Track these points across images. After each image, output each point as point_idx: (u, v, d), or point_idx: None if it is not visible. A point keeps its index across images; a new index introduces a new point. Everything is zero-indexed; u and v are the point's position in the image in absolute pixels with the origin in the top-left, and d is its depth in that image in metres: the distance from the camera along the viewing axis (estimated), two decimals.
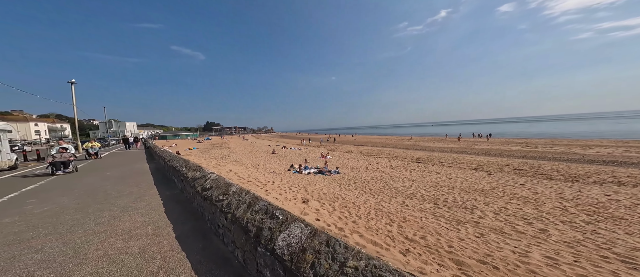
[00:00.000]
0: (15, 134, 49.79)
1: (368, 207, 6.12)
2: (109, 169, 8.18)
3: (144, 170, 7.56)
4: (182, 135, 76.33)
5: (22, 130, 59.38)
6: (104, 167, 8.59)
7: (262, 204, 1.90)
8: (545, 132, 44.63)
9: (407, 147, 29.08)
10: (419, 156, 17.50)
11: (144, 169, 7.86)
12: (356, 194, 7.67)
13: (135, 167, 8.28)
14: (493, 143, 27.02)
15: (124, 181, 5.63)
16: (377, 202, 6.56)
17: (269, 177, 10.66)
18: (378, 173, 11.75)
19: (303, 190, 8.19)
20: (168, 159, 6.31)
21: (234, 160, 17.56)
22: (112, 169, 7.98)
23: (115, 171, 7.65)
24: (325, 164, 14.08)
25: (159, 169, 7.58)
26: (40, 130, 65.46)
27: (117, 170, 7.80)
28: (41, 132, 65.53)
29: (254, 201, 2.00)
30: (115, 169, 8.13)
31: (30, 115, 74.26)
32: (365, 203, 6.47)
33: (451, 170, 11.19)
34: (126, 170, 7.75)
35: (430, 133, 69.28)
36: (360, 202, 6.54)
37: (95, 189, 4.78)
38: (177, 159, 6.12)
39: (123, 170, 7.76)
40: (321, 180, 10.66)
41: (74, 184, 5.55)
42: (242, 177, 9.17)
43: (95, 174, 6.94)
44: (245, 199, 2.08)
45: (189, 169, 4.06)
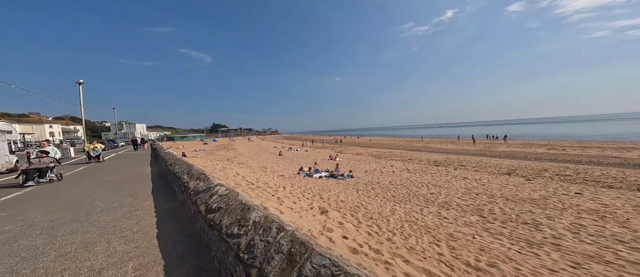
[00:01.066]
0: (13, 135, 51.20)
1: (398, 218, 5.21)
2: (109, 172, 7.58)
3: (144, 174, 6.90)
4: (189, 137, 77.04)
5: (36, 132, 61.09)
6: (104, 171, 8.00)
7: (318, 261, 1.00)
8: (564, 133, 42.30)
9: (419, 149, 27.83)
10: (436, 159, 16.38)
11: (145, 173, 7.20)
12: (378, 202, 6.76)
13: (136, 171, 7.65)
14: (512, 145, 25.44)
15: (119, 188, 4.93)
16: (407, 212, 5.64)
17: (278, 181, 9.87)
18: (396, 177, 10.79)
19: (318, 197, 7.34)
20: (170, 163, 5.61)
21: (240, 162, 16.90)
22: (111, 173, 7.37)
23: (115, 175, 7.02)
24: (337, 167, 13.20)
25: (161, 174, 6.91)
26: (54, 132, 67.29)
27: (116, 174, 7.18)
28: (55, 134, 67.34)
29: (299, 250, 1.09)
30: (115, 173, 7.52)
31: (46, 118, 76.65)
32: (392, 214, 5.56)
33: (479, 174, 10.10)
34: (126, 174, 7.12)
35: (440, 134, 67.24)
36: (386, 213, 5.64)
37: (82, 200, 4.08)
38: (180, 162, 5.42)
39: (123, 174, 7.13)
40: (335, 185, 9.79)
41: (62, 192, 4.89)
42: (251, 181, 8.41)
43: (92, 180, 6.30)
44: (280, 243, 1.19)
45: (191, 177, 3.30)
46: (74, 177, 7.02)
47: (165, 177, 6.07)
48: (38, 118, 70.80)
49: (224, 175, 9.03)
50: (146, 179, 6.10)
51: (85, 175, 7.29)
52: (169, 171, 5.16)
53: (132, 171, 7.85)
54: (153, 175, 6.79)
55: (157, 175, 6.80)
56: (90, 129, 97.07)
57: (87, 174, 7.41)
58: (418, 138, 51.91)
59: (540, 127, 74.83)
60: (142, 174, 6.94)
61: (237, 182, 7.82)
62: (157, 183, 5.51)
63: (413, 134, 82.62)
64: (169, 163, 5.61)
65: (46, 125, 65.58)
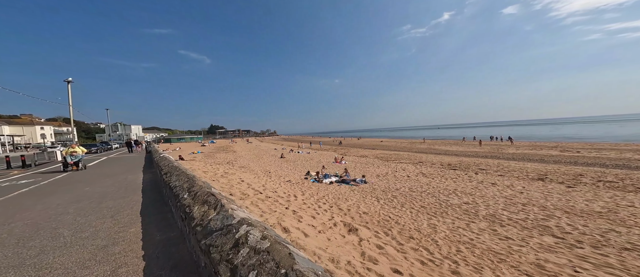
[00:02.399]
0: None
1: (445, 238, 4.26)
2: (92, 181, 6.51)
3: (134, 184, 5.86)
4: (186, 139, 75.41)
5: (27, 134, 59.09)
6: (87, 180, 6.91)
7: None
8: (566, 135, 41.92)
9: (424, 150, 27.02)
10: (449, 161, 15.52)
11: (135, 182, 6.16)
12: (409, 214, 5.81)
13: (125, 180, 6.59)
14: (521, 147, 24.77)
15: (98, 205, 3.91)
16: (451, 229, 4.70)
17: (287, 188, 8.88)
18: (414, 183, 9.87)
19: (335, 208, 6.37)
20: (165, 171, 4.60)
21: (242, 166, 15.85)
22: (94, 182, 6.30)
23: (98, 184, 5.96)
24: (346, 172, 12.25)
25: (155, 183, 5.88)
26: (46, 134, 65.23)
27: (100, 183, 6.11)
28: (47, 136, 65.28)
29: None
30: (99, 181, 6.44)
31: (38, 119, 74.47)
32: (435, 231, 4.61)
33: (507, 180, 9.24)
34: (113, 183, 6.06)
35: (441, 136, 66.69)
36: (425, 229, 4.69)
37: (41, 224, 3.05)
38: (177, 171, 4.43)
39: (108, 183, 6.07)
40: (349, 192, 8.83)
41: (23, 209, 3.85)
42: (258, 190, 7.40)
43: (66, 192, 5.21)
44: None
45: (196, 198, 2.30)
46: (45, 188, 5.92)
47: (160, 189, 5.05)
48: (29, 119, 68.65)
49: (227, 181, 8.01)
50: (136, 190, 5.08)
51: (59, 185, 6.18)
52: (163, 183, 4.16)
53: (120, 179, 6.79)
54: (145, 185, 5.76)
55: (150, 185, 5.77)
56: (84, 130, 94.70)
57: (62, 184, 6.31)
58: (420, 139, 51.20)
59: (539, 129, 74.79)
60: (131, 184, 5.90)
61: (243, 191, 6.81)
62: (148, 196, 4.50)
63: (413, 136, 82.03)
64: (164, 172, 4.60)
65: (37, 127, 63.52)
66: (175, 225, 2.82)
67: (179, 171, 4.12)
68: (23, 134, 56.38)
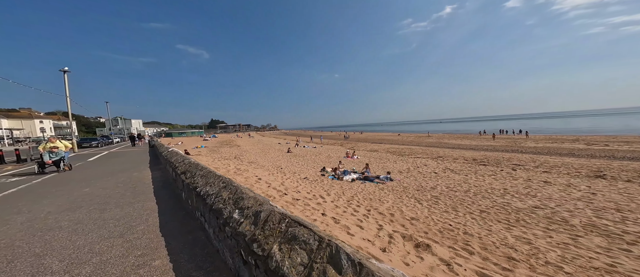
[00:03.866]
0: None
1: (561, 260, 3.18)
2: (93, 181, 5.61)
3: (142, 185, 4.96)
4: (187, 133, 74.49)
5: (26, 127, 58.22)
6: (87, 179, 6.01)
7: None
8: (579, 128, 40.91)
9: (436, 145, 26.11)
10: (473, 156, 14.58)
11: (143, 182, 5.26)
12: (474, 222, 4.84)
13: (131, 179, 5.69)
14: (540, 141, 23.83)
15: (101, 216, 3.00)
16: (560, 247, 3.49)
17: (308, 186, 8.00)
18: (448, 181, 8.95)
19: (375, 212, 5.46)
20: (182, 170, 3.70)
21: (251, 161, 14.96)
22: (96, 182, 5.40)
23: (100, 185, 5.06)
24: (367, 167, 11.35)
25: (166, 183, 4.97)
26: (46, 127, 64.31)
27: (102, 184, 5.21)
28: (46, 129, 64.40)
29: None
30: (102, 181, 5.55)
31: (37, 113, 73.41)
32: (538, 250, 3.47)
33: (559, 177, 8.31)
34: (117, 183, 5.16)
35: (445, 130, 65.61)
36: (514, 244, 3.72)
37: (26, 242, 2.15)
38: (201, 170, 3.51)
39: (112, 184, 5.17)
40: (378, 191, 7.94)
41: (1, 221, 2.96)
42: (280, 190, 6.51)
43: (63, 194, 4.33)
44: None
45: (266, 229, 1.37)
46: (37, 188, 5.02)
47: (175, 190, 4.16)
48: (28, 113, 67.61)
49: (245, 180, 7.11)
50: (146, 193, 4.17)
51: (53, 185, 5.27)
52: (184, 186, 3.25)
53: (125, 177, 5.88)
54: (156, 185, 4.86)
55: (161, 185, 4.87)
56: (84, 125, 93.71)
57: (57, 184, 5.39)
58: (425, 133, 50.26)
59: (546, 122, 73.32)
60: (139, 184, 5.00)
61: (265, 191, 5.91)
62: (163, 201, 3.59)
63: (416, 130, 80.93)
64: (180, 170, 3.68)
65: (36, 121, 62.55)
66: (216, 255, 1.92)
67: (203, 170, 3.19)
68: (22, 127, 55.52)
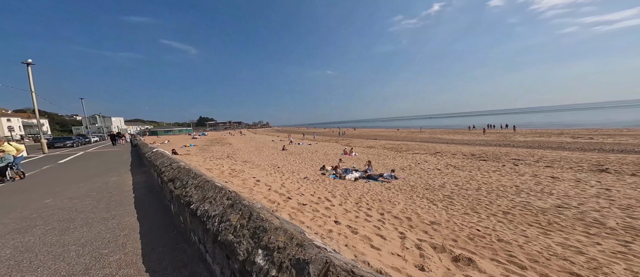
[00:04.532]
0: None
1: (625, 275, 2.76)
2: (60, 187, 4.73)
3: (121, 192, 4.17)
4: (174, 131, 71.24)
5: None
6: (52, 184, 5.09)
7: None
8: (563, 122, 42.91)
9: (430, 140, 26.29)
10: (470, 151, 14.56)
11: (122, 188, 4.46)
12: (502, 226, 4.43)
13: (107, 185, 4.85)
14: (527, 135, 24.54)
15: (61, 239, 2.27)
16: (623, 258, 3.08)
17: (311, 188, 7.44)
18: (454, 178, 8.67)
19: (389, 216, 5.00)
20: (170, 176, 3.00)
21: (245, 160, 14.15)
22: (63, 189, 4.53)
23: (68, 193, 4.23)
24: (369, 165, 10.92)
25: (151, 190, 4.22)
26: (14, 126, 59.14)
27: (71, 192, 4.37)
28: (15, 128, 59.25)
29: None
30: (71, 187, 4.68)
31: (4, 110, 67.32)
32: (597, 263, 2.97)
33: (563, 172, 8.20)
34: (89, 191, 4.34)
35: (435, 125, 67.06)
36: (563, 254, 3.24)
37: None
38: (195, 178, 2.84)
39: (83, 192, 4.34)
40: (384, 191, 7.50)
41: None
42: (282, 193, 5.91)
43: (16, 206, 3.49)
44: None
45: None
46: None
47: (162, 199, 3.45)
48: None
49: (242, 182, 6.42)
50: (124, 204, 3.43)
51: (8, 194, 4.37)
52: (173, 198, 2.57)
53: (100, 182, 5.02)
54: (138, 192, 4.09)
55: (144, 191, 4.11)
56: (58, 123, 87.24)
57: (14, 192, 4.49)
58: (417, 129, 50.97)
59: (529, 117, 76.72)
60: (116, 192, 4.21)
61: (267, 195, 5.29)
62: (148, 216, 2.89)
63: (407, 125, 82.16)
64: (168, 177, 2.98)
65: (3, 119, 57.31)
66: None
67: (197, 177, 2.50)
68: None
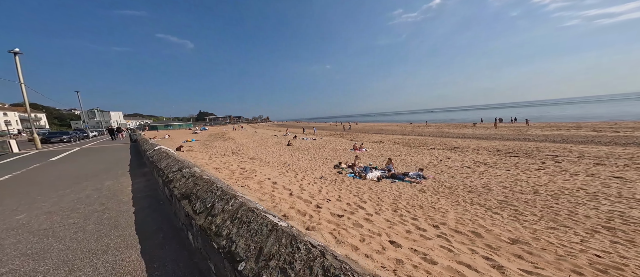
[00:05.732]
0: None
1: None
2: (41, 195, 3.82)
3: (117, 203, 3.27)
4: (174, 126, 70.15)
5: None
6: (30, 192, 4.18)
7: None
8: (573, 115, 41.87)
9: (440, 134, 25.36)
10: (494, 147, 13.63)
11: (119, 197, 3.55)
12: (627, 251, 3.53)
13: (99, 191, 3.94)
14: (543, 128, 23.59)
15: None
16: None
17: (334, 190, 6.56)
18: (496, 178, 7.70)
19: (449, 230, 4.12)
20: (183, 192, 2.08)
21: (252, 157, 13.26)
22: (43, 198, 3.62)
23: (49, 203, 3.32)
24: (389, 163, 10.00)
25: (156, 202, 3.30)
26: (11, 120, 58.16)
27: (53, 201, 3.46)
28: (12, 122, 58.28)
29: None
30: (55, 195, 3.77)
31: (1, 104, 66.03)
32: None
33: (623, 171, 7.31)
34: (75, 202, 3.43)
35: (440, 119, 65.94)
36: None
37: None
38: (228, 204, 1.93)
39: (68, 202, 3.43)
40: (418, 194, 6.60)
41: None
42: (307, 200, 5.03)
43: None
44: None
45: None
46: None
47: (170, 218, 2.54)
48: None
49: (259, 186, 5.52)
50: (121, 225, 2.52)
51: None
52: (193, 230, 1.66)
53: (92, 188, 4.10)
54: (139, 205, 3.18)
55: (146, 203, 3.21)
56: (56, 117, 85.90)
57: None
58: (421, 123, 49.96)
59: (536, 110, 75.16)
60: (111, 203, 3.30)
61: (294, 205, 4.39)
62: (155, 250, 2.01)
63: (408, 120, 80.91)
64: (181, 193, 2.07)
65: (0, 113, 56.23)
66: None
67: (227, 196, 1.58)
68: None
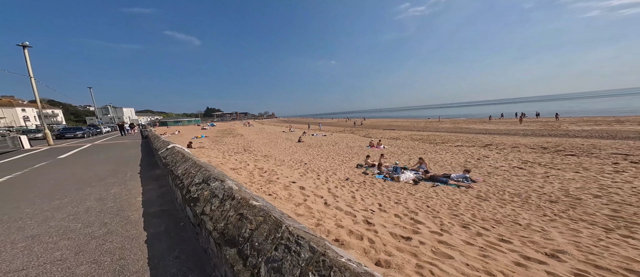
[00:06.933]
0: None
1: None
2: (24, 212, 3.12)
3: (124, 224, 2.50)
4: (183, 122, 70.83)
5: (8, 116, 54.05)
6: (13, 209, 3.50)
7: None
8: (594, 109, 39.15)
9: (460, 130, 23.93)
10: (538, 143, 12.22)
11: (126, 213, 2.79)
12: None
13: (103, 203, 3.20)
14: (577, 123, 21.79)
15: None
16: None
17: (368, 196, 5.67)
18: (575, 183, 6.28)
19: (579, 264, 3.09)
20: (218, 228, 1.25)
21: (265, 155, 12.52)
22: (25, 219, 2.91)
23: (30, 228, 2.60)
24: (421, 163, 8.94)
25: (173, 217, 2.52)
26: (29, 116, 60.14)
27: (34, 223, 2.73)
28: (31, 118, 60.29)
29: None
30: (41, 212, 3.04)
31: (21, 101, 68.38)
32: None
33: None
34: (65, 224, 2.69)
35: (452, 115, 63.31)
36: None
37: None
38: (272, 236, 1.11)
39: (56, 223, 2.69)
40: (480, 203, 5.50)
41: None
42: (347, 211, 4.17)
43: None
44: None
45: None
46: None
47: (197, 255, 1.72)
48: (9, 101, 62.74)
49: (286, 193, 4.68)
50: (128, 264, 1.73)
51: None
52: None
53: (94, 199, 3.36)
54: (152, 229, 2.40)
55: (163, 228, 2.42)
56: (72, 113, 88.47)
57: None
58: (435, 119, 48.09)
59: (554, 104, 70.52)
60: (115, 223, 2.53)
61: (340, 222, 3.54)
62: None
63: (417, 115, 78.36)
64: (217, 228, 1.25)
65: (18, 109, 58.23)
66: None
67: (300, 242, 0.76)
68: (3, 116, 51.43)
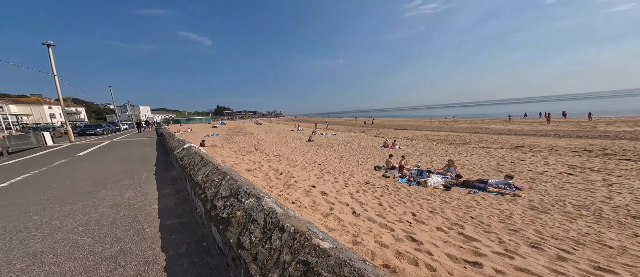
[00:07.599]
0: None
1: None
2: (32, 218, 2.92)
3: (138, 239, 2.21)
4: (195, 120, 72.65)
5: (36, 114, 57.52)
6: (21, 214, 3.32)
7: None
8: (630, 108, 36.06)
9: (479, 130, 22.71)
10: (581, 146, 11.12)
11: (140, 224, 2.52)
12: None
13: (116, 209, 2.96)
14: (617, 123, 20.00)
15: None
16: None
17: (397, 204, 5.17)
18: (637, 194, 5.61)
19: None
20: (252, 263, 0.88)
21: (276, 154, 12.23)
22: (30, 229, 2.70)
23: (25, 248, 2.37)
24: (450, 166, 8.21)
25: (192, 230, 2.21)
26: (55, 114, 63.71)
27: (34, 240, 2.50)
28: (56, 115, 63.84)
29: None
30: (49, 220, 2.84)
31: (47, 99, 72.71)
32: None
33: None
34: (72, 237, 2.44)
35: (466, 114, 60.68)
36: None
37: None
38: None
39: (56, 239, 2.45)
40: (533, 214, 4.80)
41: None
42: (382, 223, 3.71)
43: None
44: None
45: None
46: None
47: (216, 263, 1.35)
48: (37, 99, 66.85)
49: (309, 199, 4.30)
50: None
51: None
52: None
53: (106, 206, 3.13)
54: (171, 258, 2.09)
55: (185, 250, 2.11)
56: (94, 111, 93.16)
57: None
58: (450, 118, 46.32)
59: (576, 104, 65.68)
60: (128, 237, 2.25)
61: (380, 239, 3.08)
62: None
63: (428, 115, 75.78)
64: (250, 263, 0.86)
65: (45, 107, 61.84)
66: None
67: None
68: (31, 114, 54.76)
